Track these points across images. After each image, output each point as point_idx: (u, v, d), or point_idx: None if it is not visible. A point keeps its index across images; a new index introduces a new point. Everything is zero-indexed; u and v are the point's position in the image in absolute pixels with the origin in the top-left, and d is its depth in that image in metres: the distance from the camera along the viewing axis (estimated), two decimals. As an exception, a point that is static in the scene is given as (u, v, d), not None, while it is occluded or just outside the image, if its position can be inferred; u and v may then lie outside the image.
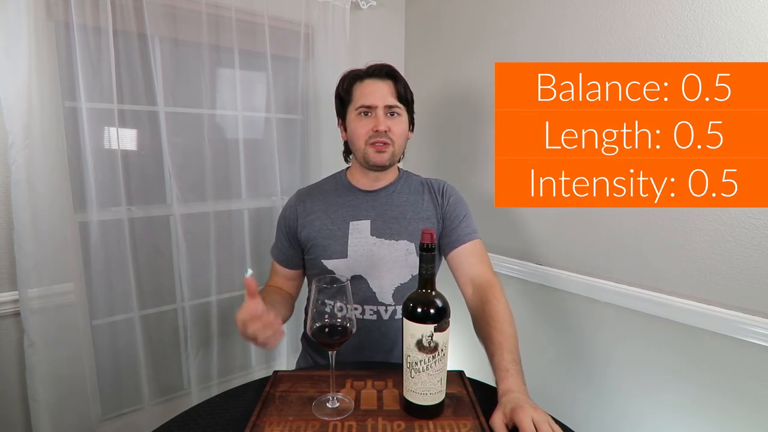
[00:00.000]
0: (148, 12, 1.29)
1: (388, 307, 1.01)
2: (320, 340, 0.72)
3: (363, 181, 1.05)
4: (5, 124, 1.12)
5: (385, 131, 0.96)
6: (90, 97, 1.23)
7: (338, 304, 0.74)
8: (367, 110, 0.97)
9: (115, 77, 1.26)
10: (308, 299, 1.12)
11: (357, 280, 1.00)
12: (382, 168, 1.00)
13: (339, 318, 0.72)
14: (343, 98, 1.02)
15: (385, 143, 0.97)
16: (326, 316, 0.72)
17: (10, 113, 1.11)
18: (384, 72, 0.97)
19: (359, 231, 1.00)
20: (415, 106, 1.05)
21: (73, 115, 1.25)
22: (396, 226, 1.01)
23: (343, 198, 1.04)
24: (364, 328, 1.01)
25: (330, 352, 0.74)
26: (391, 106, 0.97)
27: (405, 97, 0.99)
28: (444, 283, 0.84)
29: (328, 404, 0.73)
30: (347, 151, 1.08)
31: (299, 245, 1.05)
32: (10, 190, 1.14)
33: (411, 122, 1.05)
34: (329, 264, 0.99)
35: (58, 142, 1.21)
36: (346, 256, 0.99)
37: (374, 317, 1.01)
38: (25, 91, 1.11)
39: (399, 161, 1.06)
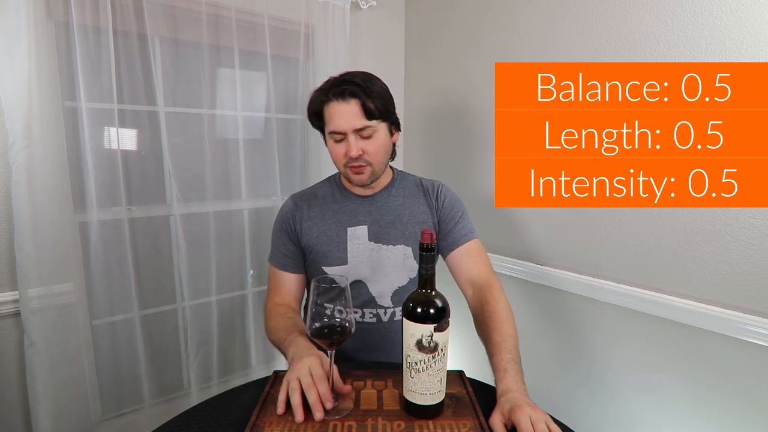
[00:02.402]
0: (148, 12, 1.29)
1: (387, 310, 1.01)
2: (319, 340, 0.72)
3: (357, 186, 1.02)
4: (5, 124, 1.12)
5: (359, 156, 0.92)
6: (90, 97, 1.23)
7: (338, 307, 0.74)
8: (339, 136, 0.92)
9: (115, 77, 1.26)
10: (307, 298, 1.12)
11: (356, 284, 1.00)
12: (364, 186, 1.00)
13: (338, 318, 0.72)
14: (316, 119, 0.97)
15: (361, 166, 0.94)
16: (325, 318, 0.72)
17: (10, 113, 1.11)
18: (348, 93, 0.89)
19: (357, 237, 1.00)
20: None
21: (73, 115, 1.25)
22: (393, 231, 1.01)
23: (339, 203, 1.03)
24: (363, 331, 1.01)
25: (329, 352, 0.74)
26: (361, 129, 0.91)
27: (376, 110, 0.91)
28: (444, 283, 0.84)
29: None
30: None
31: (302, 249, 1.04)
32: (10, 190, 1.14)
33: (394, 124, 0.99)
34: (330, 271, 0.99)
35: (58, 142, 1.21)
36: (346, 263, 0.99)
37: (374, 320, 1.01)
38: (25, 91, 1.11)
39: (385, 170, 1.02)
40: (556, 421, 0.67)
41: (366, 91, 0.90)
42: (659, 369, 1.18)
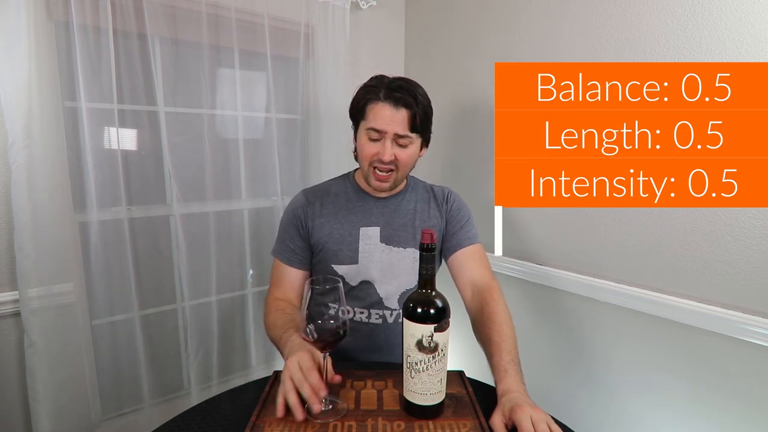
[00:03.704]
0: (148, 12, 1.29)
1: (393, 311, 1.02)
2: (314, 342, 0.71)
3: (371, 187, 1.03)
4: (5, 124, 1.12)
5: (390, 160, 0.93)
6: (90, 97, 1.23)
7: (342, 307, 0.73)
8: (376, 134, 0.92)
9: (115, 77, 1.26)
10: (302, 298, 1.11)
11: (365, 285, 1.00)
12: (381, 191, 1.00)
13: (332, 320, 0.71)
14: (356, 112, 0.98)
15: (390, 171, 0.95)
16: (320, 320, 0.71)
17: (10, 113, 1.11)
18: (402, 102, 0.90)
19: (369, 237, 1.00)
20: (432, 121, 1.02)
21: (73, 115, 1.25)
22: (404, 234, 1.01)
23: (353, 203, 1.03)
24: (368, 332, 1.01)
25: (323, 354, 0.73)
26: (401, 136, 0.92)
27: (420, 125, 0.93)
28: (444, 284, 0.84)
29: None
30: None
31: (311, 246, 1.03)
32: (10, 190, 1.14)
33: (426, 140, 1.00)
34: (340, 269, 0.99)
35: (58, 142, 1.21)
36: (356, 262, 0.99)
37: (380, 321, 1.01)
38: (25, 91, 1.11)
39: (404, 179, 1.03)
40: (556, 422, 0.67)
41: (417, 104, 0.92)
42: (659, 369, 1.18)
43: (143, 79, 1.34)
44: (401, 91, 0.91)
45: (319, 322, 0.71)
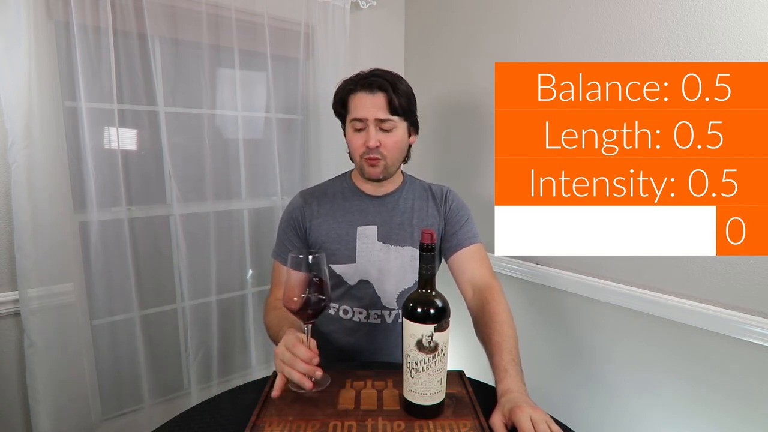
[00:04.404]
0: (148, 12, 1.29)
1: (392, 312, 1.02)
2: (293, 310, 0.73)
3: (368, 186, 1.04)
4: (5, 124, 1.12)
5: (376, 147, 0.94)
6: (90, 97, 1.23)
7: (343, 307, 0.73)
8: (360, 124, 0.94)
9: (115, 77, 1.26)
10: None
11: (363, 284, 1.00)
12: (376, 180, 1.00)
13: (315, 294, 0.74)
14: (340, 108, 1.00)
15: (376, 158, 0.95)
16: (303, 294, 0.73)
17: (10, 113, 1.11)
18: (376, 85, 0.93)
19: (367, 236, 1.00)
20: (416, 106, 1.03)
21: (73, 115, 1.25)
22: (402, 233, 1.01)
23: (350, 202, 1.03)
24: (368, 332, 1.01)
25: (305, 327, 0.75)
26: (382, 120, 0.93)
27: (400, 107, 0.94)
28: (444, 284, 0.83)
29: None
30: None
31: (309, 246, 1.04)
32: (10, 190, 1.14)
33: (413, 125, 1.02)
34: (338, 269, 0.99)
35: (58, 142, 1.21)
36: (354, 261, 0.99)
37: (378, 321, 1.02)
38: (25, 91, 1.11)
39: (399, 168, 1.04)
40: (556, 422, 0.67)
41: (393, 87, 0.93)
42: (659, 369, 1.18)
43: (143, 79, 1.34)
44: (375, 77, 0.93)
45: (303, 295, 0.74)
